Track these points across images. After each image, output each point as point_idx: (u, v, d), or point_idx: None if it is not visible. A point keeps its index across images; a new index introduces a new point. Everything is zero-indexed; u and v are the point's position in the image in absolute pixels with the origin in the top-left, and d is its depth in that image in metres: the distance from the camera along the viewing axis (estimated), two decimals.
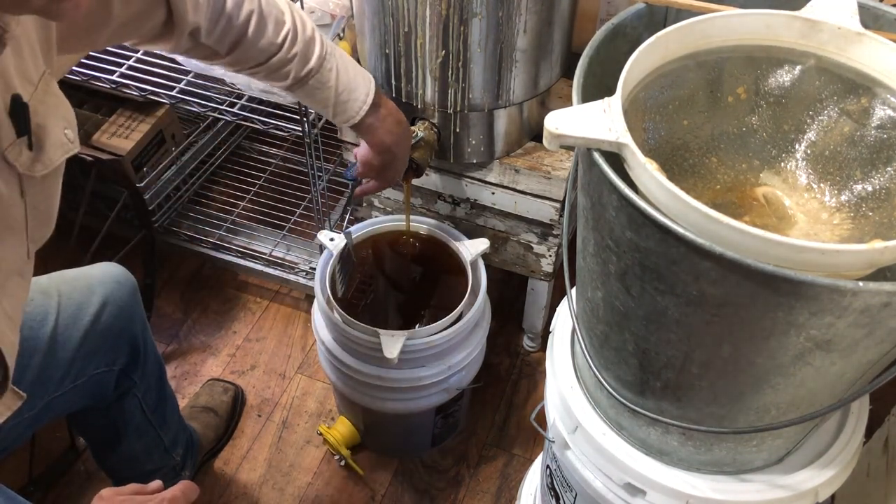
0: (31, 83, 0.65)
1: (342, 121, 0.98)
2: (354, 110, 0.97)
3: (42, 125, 0.66)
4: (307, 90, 0.94)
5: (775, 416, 0.72)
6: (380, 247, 1.31)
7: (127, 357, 1.07)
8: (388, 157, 1.05)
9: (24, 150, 0.64)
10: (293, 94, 0.96)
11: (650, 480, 0.83)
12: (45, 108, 0.66)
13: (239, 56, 0.89)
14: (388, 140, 1.02)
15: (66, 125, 0.70)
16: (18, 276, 0.70)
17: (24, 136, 0.64)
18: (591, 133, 0.62)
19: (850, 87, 0.72)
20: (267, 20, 0.87)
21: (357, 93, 0.96)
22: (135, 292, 1.07)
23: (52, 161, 0.67)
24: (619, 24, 0.76)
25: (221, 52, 0.87)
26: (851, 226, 0.71)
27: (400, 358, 1.11)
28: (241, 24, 0.85)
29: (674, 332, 0.67)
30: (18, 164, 0.64)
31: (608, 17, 1.08)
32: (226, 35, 0.86)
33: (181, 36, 0.82)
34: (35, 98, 0.65)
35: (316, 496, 1.38)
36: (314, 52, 0.92)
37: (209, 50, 0.87)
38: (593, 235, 0.71)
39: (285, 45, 0.89)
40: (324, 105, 0.97)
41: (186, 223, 1.70)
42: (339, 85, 0.95)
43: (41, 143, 0.66)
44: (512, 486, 1.39)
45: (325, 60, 0.93)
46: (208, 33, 0.84)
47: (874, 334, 0.60)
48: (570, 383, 0.90)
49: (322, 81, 0.94)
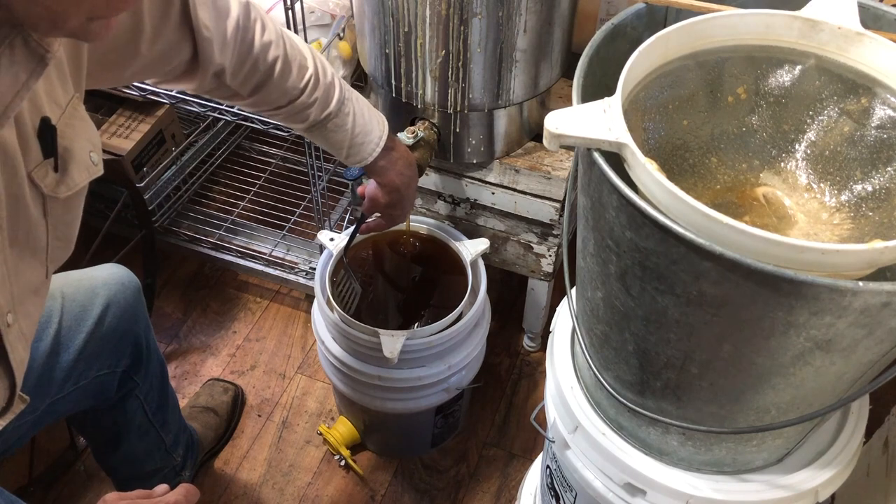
0: (59, 106, 0.66)
1: (354, 161, 1.00)
2: (368, 152, 0.99)
3: (68, 148, 0.67)
4: (324, 133, 0.96)
5: (775, 416, 0.72)
6: (380, 247, 1.31)
7: (130, 359, 1.07)
8: (396, 197, 1.06)
9: (49, 172, 0.65)
10: (310, 135, 0.98)
11: (650, 480, 0.83)
12: (73, 131, 0.67)
13: (261, 98, 0.89)
14: (397, 181, 1.03)
15: (91, 148, 0.71)
16: (34, 295, 0.70)
17: (51, 157, 0.65)
18: (591, 133, 0.62)
19: (850, 87, 0.72)
20: (291, 65, 0.88)
21: (372, 135, 0.98)
22: (138, 294, 1.07)
23: (77, 183, 0.69)
24: (619, 24, 0.76)
25: (244, 94, 0.88)
26: (851, 226, 0.71)
27: (400, 358, 1.11)
28: (268, 68, 0.86)
29: (674, 332, 0.67)
30: (44, 185, 0.65)
31: (608, 17, 1.08)
32: (251, 78, 0.86)
33: (205, 76, 0.82)
34: (62, 121, 0.66)
35: (316, 496, 1.38)
36: (334, 97, 0.93)
37: (231, 91, 0.87)
38: (593, 235, 0.71)
39: (307, 89, 0.90)
40: (339, 147, 0.98)
41: (186, 223, 1.70)
42: (355, 127, 0.96)
43: (66, 165, 0.67)
44: (512, 486, 1.39)
45: (344, 105, 0.94)
46: (234, 75, 0.84)
47: (874, 334, 0.60)
48: (570, 383, 0.90)
49: (339, 125, 0.95)
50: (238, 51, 0.83)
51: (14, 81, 0.55)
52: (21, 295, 0.68)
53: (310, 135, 0.98)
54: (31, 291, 0.69)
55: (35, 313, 0.72)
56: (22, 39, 0.55)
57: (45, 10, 0.51)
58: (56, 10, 0.51)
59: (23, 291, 0.68)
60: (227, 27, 0.80)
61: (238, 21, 0.81)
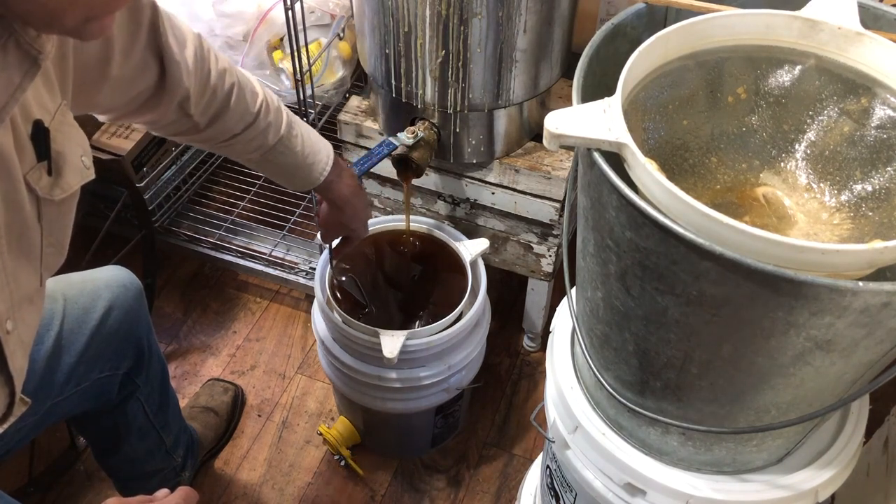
0: (48, 112, 0.66)
1: (309, 183, 1.01)
2: (319, 171, 1.00)
3: (60, 152, 0.68)
4: (277, 158, 0.96)
5: (775, 416, 0.72)
6: (380, 246, 1.31)
7: (131, 361, 1.07)
8: (349, 209, 1.07)
9: (44, 175, 0.66)
10: (263, 165, 0.98)
11: (650, 480, 0.83)
12: (63, 136, 0.68)
13: (218, 128, 0.90)
14: (347, 192, 1.05)
15: (82, 152, 0.71)
16: (30, 304, 0.71)
17: (45, 160, 0.65)
18: (590, 133, 0.62)
19: (850, 87, 0.72)
20: (245, 91, 0.90)
21: (320, 155, 1.00)
22: (140, 296, 1.07)
23: (71, 186, 0.69)
24: (619, 24, 0.76)
25: (202, 124, 0.89)
26: (851, 226, 0.71)
27: (400, 358, 1.11)
28: (225, 94, 0.88)
29: (674, 332, 0.67)
30: (39, 187, 0.66)
31: (608, 17, 1.08)
32: (211, 105, 0.87)
33: (170, 105, 0.83)
34: (53, 126, 0.67)
35: (316, 496, 1.38)
36: (283, 120, 0.95)
37: (190, 123, 0.88)
38: (593, 235, 0.71)
39: (261, 113, 0.92)
40: (292, 171, 0.99)
41: (186, 223, 1.70)
42: (304, 149, 0.98)
43: (60, 168, 0.68)
44: (512, 486, 1.39)
45: (292, 127, 0.96)
46: (196, 103, 0.85)
47: (874, 334, 0.60)
48: (570, 383, 0.90)
49: (290, 147, 0.96)
50: (199, 78, 0.84)
51: (8, 83, 0.55)
52: (19, 302, 0.68)
53: (263, 164, 0.98)
54: (27, 300, 0.70)
55: (32, 322, 0.73)
56: (14, 41, 0.55)
57: (40, 7, 0.51)
58: (52, 8, 0.51)
59: (21, 299, 0.68)
60: (188, 55, 0.82)
61: (196, 51, 0.83)
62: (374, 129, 1.27)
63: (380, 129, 1.27)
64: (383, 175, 1.33)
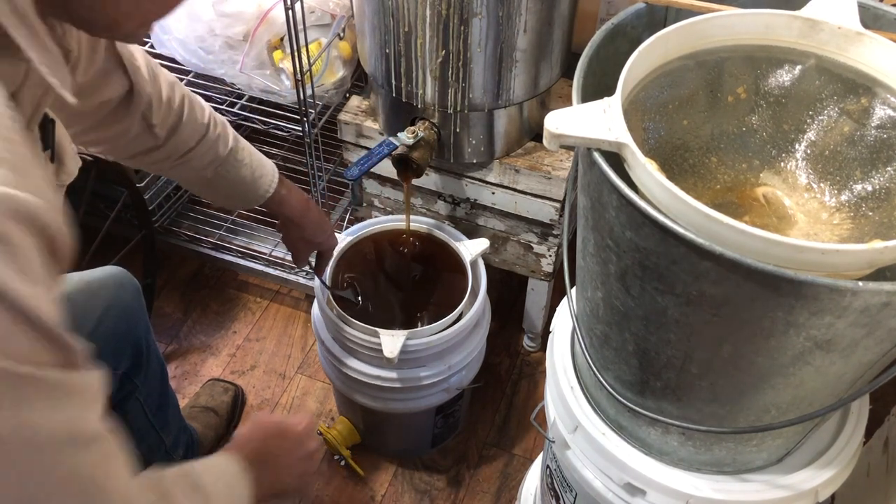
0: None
1: (261, 195, 1.02)
2: (268, 183, 1.01)
3: (59, 141, 0.69)
4: (229, 171, 0.97)
5: (775, 416, 0.72)
6: (380, 247, 1.31)
7: (130, 361, 1.07)
8: (308, 223, 1.08)
9: (48, 163, 0.67)
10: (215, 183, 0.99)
11: (650, 480, 0.83)
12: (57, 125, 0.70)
13: (175, 142, 0.92)
14: (301, 206, 1.06)
15: (69, 141, 0.73)
16: None
17: (48, 149, 0.67)
18: (590, 133, 0.62)
19: (850, 87, 0.72)
20: (194, 103, 0.92)
21: (266, 168, 1.02)
22: (138, 296, 1.07)
23: (72, 172, 0.71)
24: (619, 24, 0.76)
25: (162, 137, 0.90)
26: (851, 226, 0.71)
27: (400, 358, 1.11)
28: (178, 106, 0.90)
29: (674, 332, 0.67)
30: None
31: (608, 17, 1.08)
32: (168, 117, 0.89)
33: (136, 115, 0.85)
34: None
35: (316, 496, 1.38)
36: (229, 132, 0.97)
37: (151, 137, 0.89)
38: (593, 235, 0.71)
39: (211, 125, 0.94)
40: (243, 185, 1.00)
41: (186, 223, 1.70)
42: (252, 161, 0.99)
43: (62, 156, 0.70)
44: (512, 486, 1.39)
45: (238, 140, 0.98)
46: (157, 112, 0.87)
47: (874, 334, 0.60)
48: (570, 383, 0.90)
49: (240, 160, 0.98)
50: (154, 87, 0.87)
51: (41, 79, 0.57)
52: None
53: (216, 180, 0.98)
54: None
55: None
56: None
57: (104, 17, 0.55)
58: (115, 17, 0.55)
59: None
60: (141, 63, 0.85)
61: (147, 61, 0.86)
62: (374, 129, 1.27)
63: (380, 129, 1.27)
64: (383, 175, 1.33)
